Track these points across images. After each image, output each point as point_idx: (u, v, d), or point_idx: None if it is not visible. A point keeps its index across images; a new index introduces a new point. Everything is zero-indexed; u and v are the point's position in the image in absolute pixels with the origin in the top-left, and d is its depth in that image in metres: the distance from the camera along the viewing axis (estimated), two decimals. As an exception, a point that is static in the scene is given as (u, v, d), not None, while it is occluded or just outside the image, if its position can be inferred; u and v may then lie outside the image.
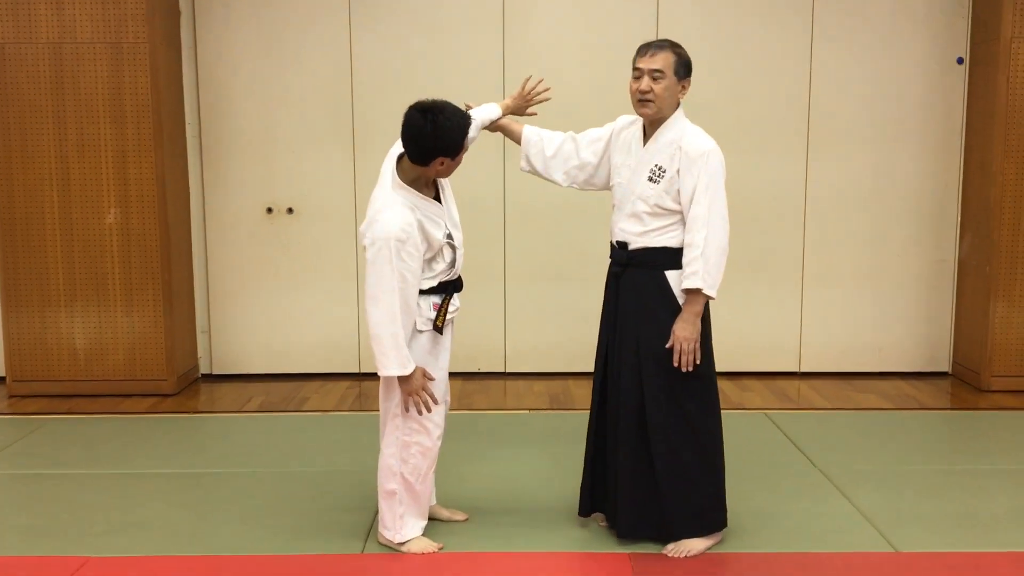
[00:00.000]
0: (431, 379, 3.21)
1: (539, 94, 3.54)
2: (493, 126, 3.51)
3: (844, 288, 5.83)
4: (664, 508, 3.29)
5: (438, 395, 3.28)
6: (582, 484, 3.52)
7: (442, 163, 3.13)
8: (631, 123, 3.38)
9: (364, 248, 3.12)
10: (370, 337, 3.14)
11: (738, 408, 5.16)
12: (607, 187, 3.44)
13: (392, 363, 3.10)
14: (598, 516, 3.55)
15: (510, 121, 3.54)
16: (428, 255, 3.18)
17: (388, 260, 3.05)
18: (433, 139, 3.06)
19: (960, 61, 5.64)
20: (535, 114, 3.56)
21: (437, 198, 3.25)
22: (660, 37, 5.46)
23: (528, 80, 3.55)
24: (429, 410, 3.19)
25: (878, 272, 5.82)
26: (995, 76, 5.30)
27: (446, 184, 3.33)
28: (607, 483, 3.43)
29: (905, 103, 5.69)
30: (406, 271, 3.08)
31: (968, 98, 5.64)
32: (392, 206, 3.11)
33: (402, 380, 3.16)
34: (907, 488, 3.97)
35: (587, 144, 3.44)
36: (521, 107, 3.55)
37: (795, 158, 5.73)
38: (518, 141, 3.52)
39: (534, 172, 3.52)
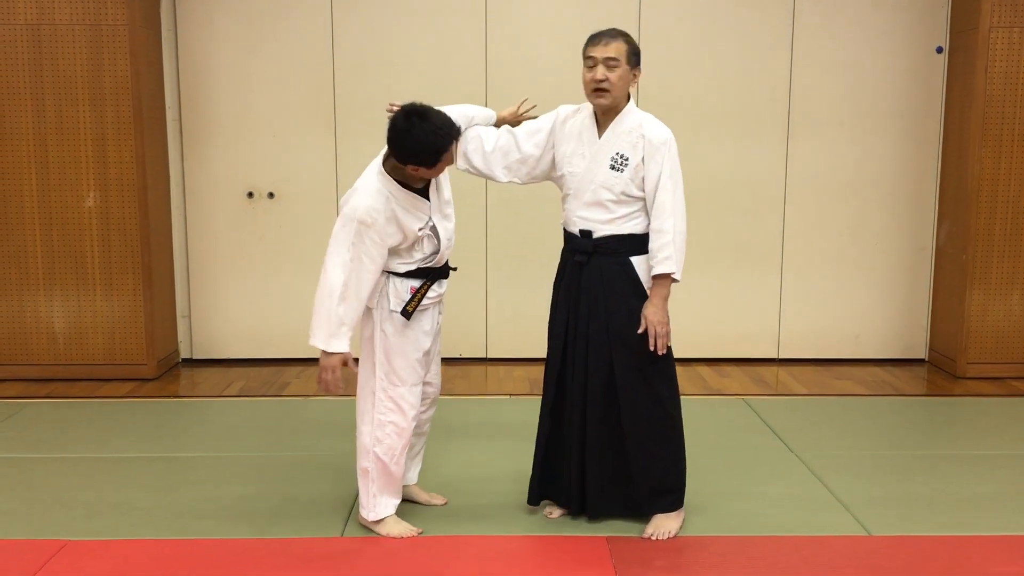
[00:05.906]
0: (351, 369, 3.21)
1: (527, 111, 3.52)
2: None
3: (823, 275, 5.87)
4: (635, 485, 3.35)
5: (414, 378, 3.29)
6: (532, 473, 3.50)
7: (415, 169, 3.14)
8: (576, 111, 3.35)
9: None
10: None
11: (717, 393, 5.20)
12: (548, 179, 3.40)
13: (318, 335, 3.15)
14: (548, 505, 3.54)
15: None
16: (403, 245, 3.19)
17: (347, 238, 3.12)
18: (408, 145, 3.08)
19: (939, 50, 5.67)
20: None
21: (426, 189, 3.24)
22: (642, 23, 5.55)
23: (524, 102, 3.52)
24: (330, 392, 3.22)
25: (857, 259, 5.86)
26: (974, 65, 5.33)
27: (442, 176, 3.31)
28: (566, 468, 3.43)
29: (885, 91, 5.71)
30: (364, 255, 3.12)
31: (947, 87, 5.68)
32: (368, 190, 3.15)
33: (322, 354, 3.18)
34: (881, 472, 4.02)
35: (527, 136, 3.35)
36: (516, 121, 3.52)
37: (775, 145, 5.75)
38: None
39: (472, 169, 3.35)
